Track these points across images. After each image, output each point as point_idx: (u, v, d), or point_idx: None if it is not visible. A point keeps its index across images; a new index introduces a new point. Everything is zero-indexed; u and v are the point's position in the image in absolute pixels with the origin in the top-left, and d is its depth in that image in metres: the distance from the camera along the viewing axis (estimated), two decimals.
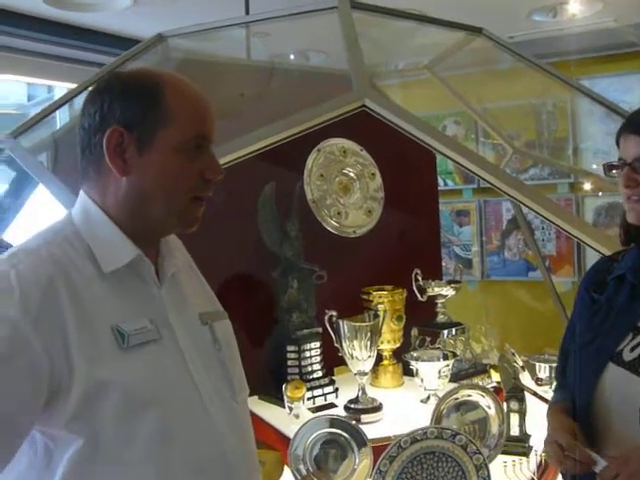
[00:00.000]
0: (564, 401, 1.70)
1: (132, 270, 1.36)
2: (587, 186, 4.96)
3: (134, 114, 1.32)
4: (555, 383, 2.25)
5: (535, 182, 4.84)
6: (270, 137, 2.23)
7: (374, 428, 2.63)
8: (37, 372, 1.18)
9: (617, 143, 1.62)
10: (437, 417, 2.47)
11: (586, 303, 1.73)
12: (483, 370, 3.34)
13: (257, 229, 2.95)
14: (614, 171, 1.62)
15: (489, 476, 2.19)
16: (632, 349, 1.55)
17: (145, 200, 1.35)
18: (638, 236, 1.66)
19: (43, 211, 3.03)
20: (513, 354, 3.25)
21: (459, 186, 5.50)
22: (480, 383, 3.33)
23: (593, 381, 1.58)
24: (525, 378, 3.24)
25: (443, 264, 5.40)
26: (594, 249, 1.96)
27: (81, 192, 1.40)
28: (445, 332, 3.33)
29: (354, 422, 2.48)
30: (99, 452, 1.22)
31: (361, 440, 2.40)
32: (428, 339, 3.36)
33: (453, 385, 2.83)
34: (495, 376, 3.25)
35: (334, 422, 2.43)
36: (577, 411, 1.62)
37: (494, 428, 2.51)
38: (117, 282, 1.33)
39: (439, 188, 4.55)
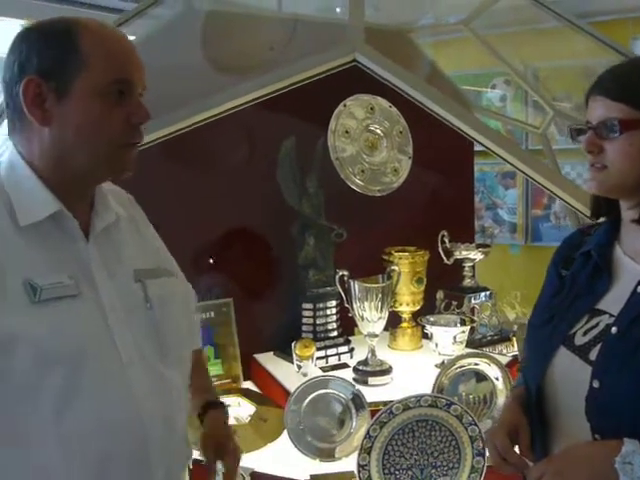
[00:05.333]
0: (522, 385, 1.62)
1: (55, 224, 1.33)
2: None
3: (50, 62, 1.29)
4: None
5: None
6: (245, 95, 2.17)
7: (381, 391, 2.60)
8: None
9: (586, 104, 1.47)
10: (439, 385, 2.42)
11: (552, 279, 1.62)
12: (507, 338, 3.27)
13: (278, 184, 2.91)
14: (581, 136, 1.48)
15: (484, 448, 2.13)
16: (585, 333, 1.44)
17: (68, 150, 1.32)
18: (608, 209, 1.53)
19: None
20: None
21: None
22: (504, 351, 3.28)
23: (543, 365, 1.49)
24: None
25: (487, 226, 5.30)
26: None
27: (10, 144, 1.38)
28: (471, 297, 3.28)
29: (356, 384, 2.45)
30: (6, 403, 1.23)
31: (360, 403, 2.37)
32: (454, 303, 3.31)
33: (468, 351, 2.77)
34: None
35: (334, 383, 2.41)
36: (529, 398, 1.54)
37: (501, 400, 2.44)
38: (37, 236, 1.30)
39: (484, 149, 4.43)
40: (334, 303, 2.96)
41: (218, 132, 2.62)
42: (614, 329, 1.40)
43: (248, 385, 2.90)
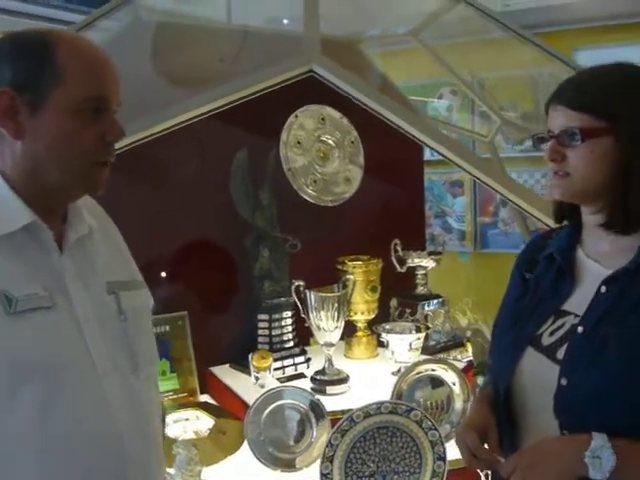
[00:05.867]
0: (489, 386, 1.65)
1: (30, 235, 1.31)
2: None
3: (25, 75, 1.27)
4: None
5: (530, 154, 4.73)
6: (199, 107, 2.17)
7: (339, 400, 2.61)
8: None
9: (546, 113, 1.51)
10: (398, 391, 2.43)
11: (517, 283, 1.66)
12: (461, 343, 3.30)
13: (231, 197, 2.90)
14: (542, 145, 1.52)
15: (445, 452, 2.16)
16: (551, 333, 1.49)
17: (40, 164, 1.31)
18: (571, 213, 1.58)
19: None
20: None
21: None
22: (458, 356, 3.31)
23: (511, 366, 1.52)
24: None
25: (436, 234, 5.36)
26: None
27: None
28: (424, 304, 3.30)
29: (314, 394, 2.45)
30: None
31: (320, 413, 2.38)
32: (408, 310, 3.33)
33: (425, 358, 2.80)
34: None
35: (293, 393, 2.41)
36: (497, 398, 1.57)
37: (458, 404, 2.48)
38: (10, 247, 1.28)
39: (432, 158, 4.48)
40: (290, 314, 2.96)
41: (170, 145, 2.60)
42: (580, 328, 1.45)
43: (205, 398, 2.88)
